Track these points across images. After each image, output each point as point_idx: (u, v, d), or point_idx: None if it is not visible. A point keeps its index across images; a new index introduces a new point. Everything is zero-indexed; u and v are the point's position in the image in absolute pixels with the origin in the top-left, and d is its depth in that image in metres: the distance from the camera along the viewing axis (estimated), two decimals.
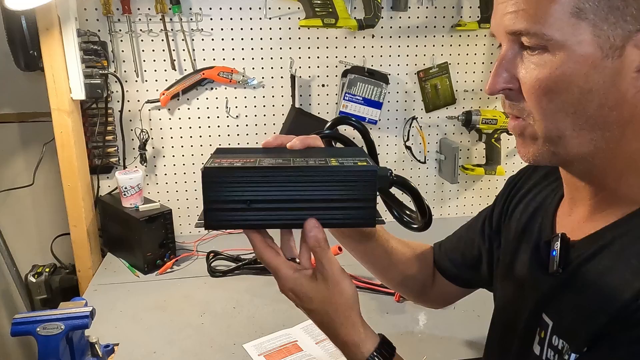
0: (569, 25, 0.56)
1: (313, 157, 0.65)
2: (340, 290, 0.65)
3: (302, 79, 1.73)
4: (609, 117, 0.58)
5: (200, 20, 1.61)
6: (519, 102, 0.62)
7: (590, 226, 0.65)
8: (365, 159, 0.65)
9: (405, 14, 1.72)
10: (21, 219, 1.80)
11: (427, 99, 1.81)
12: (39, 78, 1.51)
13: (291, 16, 1.66)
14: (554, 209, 0.74)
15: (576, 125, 0.59)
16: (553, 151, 0.61)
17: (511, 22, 0.58)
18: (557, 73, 0.57)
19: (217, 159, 0.63)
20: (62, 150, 1.47)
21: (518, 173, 0.88)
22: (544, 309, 0.67)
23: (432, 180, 1.91)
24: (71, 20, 1.42)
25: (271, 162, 0.61)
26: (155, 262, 1.52)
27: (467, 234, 0.96)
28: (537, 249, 0.72)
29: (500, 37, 0.62)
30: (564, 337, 0.63)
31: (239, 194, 0.59)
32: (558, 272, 0.65)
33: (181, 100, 1.67)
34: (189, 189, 1.76)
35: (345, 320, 0.66)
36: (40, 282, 1.62)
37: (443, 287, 0.97)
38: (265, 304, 1.33)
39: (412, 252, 0.97)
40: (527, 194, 0.82)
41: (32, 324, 0.91)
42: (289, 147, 0.70)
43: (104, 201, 1.64)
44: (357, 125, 0.80)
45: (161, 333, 1.22)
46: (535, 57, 0.58)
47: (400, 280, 0.97)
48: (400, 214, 0.75)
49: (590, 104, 0.58)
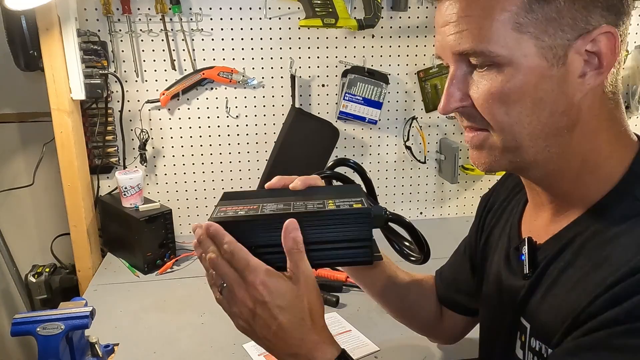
0: (512, 40, 0.57)
1: (312, 199, 0.69)
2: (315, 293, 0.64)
3: (302, 79, 1.73)
4: (560, 122, 0.60)
5: (200, 20, 1.61)
6: (475, 118, 0.63)
7: (553, 228, 0.67)
8: (361, 200, 0.68)
9: (405, 14, 1.72)
10: (21, 219, 1.80)
11: (427, 99, 1.81)
12: (39, 78, 1.51)
13: (291, 16, 1.66)
14: (519, 216, 0.77)
15: (532, 134, 0.61)
16: (510, 160, 0.64)
17: (456, 44, 0.60)
18: (508, 86, 0.59)
19: (223, 207, 0.68)
20: (62, 150, 1.48)
21: (489, 191, 0.92)
22: (521, 313, 0.69)
23: (432, 180, 1.91)
24: (71, 20, 1.42)
25: (272, 209, 0.66)
26: (155, 262, 1.52)
27: (456, 259, 0.98)
28: (508, 256, 0.75)
29: (447, 58, 0.64)
30: (540, 338, 0.64)
31: (243, 241, 0.63)
32: (528, 275, 0.68)
33: (181, 100, 1.67)
34: (189, 189, 1.76)
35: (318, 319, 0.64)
36: (40, 282, 1.62)
37: (450, 318, 0.98)
38: None
39: (418, 283, 0.98)
40: (499, 209, 0.85)
41: (32, 324, 0.90)
42: (291, 188, 0.73)
43: (104, 201, 1.64)
44: (354, 167, 0.86)
45: (161, 333, 1.22)
46: (484, 74, 0.60)
47: (411, 314, 0.98)
48: (401, 246, 0.79)
49: (542, 112, 0.60)
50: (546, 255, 0.66)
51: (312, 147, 1.68)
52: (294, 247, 0.63)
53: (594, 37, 0.57)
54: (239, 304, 0.62)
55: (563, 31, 0.57)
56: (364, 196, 0.70)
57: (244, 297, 0.62)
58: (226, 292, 0.63)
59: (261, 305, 0.61)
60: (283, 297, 0.61)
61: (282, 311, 0.61)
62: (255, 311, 0.62)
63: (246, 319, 0.63)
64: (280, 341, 0.62)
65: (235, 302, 0.63)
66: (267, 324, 0.62)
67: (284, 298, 0.61)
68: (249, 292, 0.61)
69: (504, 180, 0.88)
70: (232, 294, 0.63)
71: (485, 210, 0.89)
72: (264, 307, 0.61)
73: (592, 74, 0.59)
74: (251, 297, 0.61)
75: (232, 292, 0.62)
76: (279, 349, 0.63)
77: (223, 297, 0.64)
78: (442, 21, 0.62)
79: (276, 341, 0.63)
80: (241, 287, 0.62)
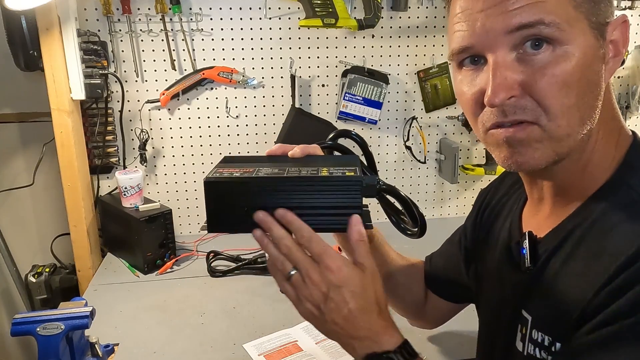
0: (572, 17, 0.57)
1: (308, 166, 0.70)
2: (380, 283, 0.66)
3: (302, 79, 1.73)
4: (596, 107, 0.60)
5: (200, 20, 1.61)
6: (523, 109, 0.59)
7: (553, 221, 0.68)
8: (355, 169, 0.69)
9: (405, 14, 1.72)
10: (21, 219, 1.80)
11: (427, 99, 1.81)
12: (39, 78, 1.51)
13: (291, 16, 1.66)
14: (519, 212, 0.77)
15: (582, 118, 0.59)
16: (555, 150, 0.60)
17: (515, 18, 0.56)
18: (571, 65, 0.57)
19: (220, 169, 0.69)
20: (62, 150, 1.47)
21: (488, 186, 0.91)
22: (522, 306, 0.69)
23: (432, 180, 1.91)
24: (71, 20, 1.42)
25: (267, 173, 0.67)
26: (155, 262, 1.52)
27: (448, 248, 0.98)
28: (509, 250, 0.75)
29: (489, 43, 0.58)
30: (543, 330, 0.65)
31: (236, 202, 0.65)
32: (530, 269, 0.68)
33: (181, 100, 1.67)
34: (189, 189, 1.76)
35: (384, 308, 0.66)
36: (40, 282, 1.62)
37: (434, 303, 0.99)
38: (265, 304, 1.33)
39: (409, 264, 0.99)
40: (497, 204, 0.85)
41: (32, 324, 0.90)
42: (289, 156, 0.74)
43: (104, 201, 1.64)
44: (356, 139, 0.85)
45: (161, 333, 1.22)
46: (542, 54, 0.57)
47: (399, 292, 0.98)
48: (398, 220, 0.78)
49: (591, 95, 0.59)
50: (547, 249, 0.67)
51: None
52: (359, 238, 0.65)
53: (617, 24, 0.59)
54: (312, 287, 0.63)
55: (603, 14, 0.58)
56: (359, 166, 0.71)
57: (318, 280, 0.63)
58: (298, 276, 0.64)
59: (335, 289, 0.63)
60: (356, 283, 0.63)
61: (354, 296, 0.63)
62: (328, 295, 0.63)
63: (317, 303, 0.64)
64: (349, 325, 0.64)
65: (308, 286, 0.64)
66: (339, 307, 0.63)
67: (356, 284, 0.63)
68: (324, 277, 0.63)
69: (503, 178, 0.88)
70: (306, 278, 0.64)
71: (483, 204, 0.89)
72: (338, 291, 0.63)
73: (612, 61, 0.59)
74: (326, 281, 0.63)
75: (307, 276, 0.63)
76: (346, 333, 0.64)
77: (291, 283, 0.65)
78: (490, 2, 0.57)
79: (345, 325, 0.64)
80: (316, 271, 0.63)
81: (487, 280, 0.82)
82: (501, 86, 0.58)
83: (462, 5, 0.60)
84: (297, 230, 0.64)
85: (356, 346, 0.64)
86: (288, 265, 0.65)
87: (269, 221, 0.64)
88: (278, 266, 0.65)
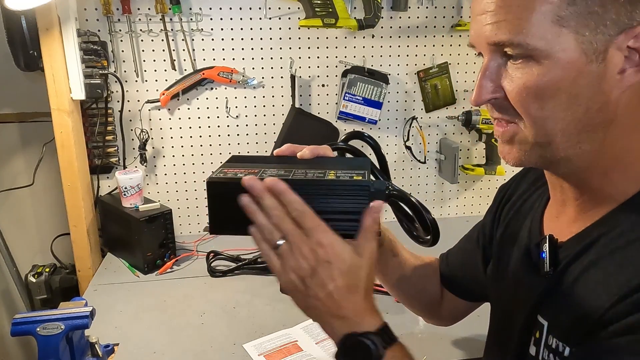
0: (551, 34, 0.56)
1: (315, 168, 0.67)
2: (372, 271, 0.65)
3: (302, 79, 1.73)
4: (595, 119, 0.59)
5: (200, 20, 1.61)
6: (507, 110, 0.62)
7: (577, 226, 0.66)
8: (364, 172, 0.67)
9: (405, 14, 1.72)
10: (21, 219, 1.80)
11: (427, 99, 1.81)
12: (39, 78, 1.51)
13: (291, 16, 1.66)
14: (541, 212, 0.75)
15: (565, 130, 0.60)
16: (540, 154, 0.62)
17: (492, 34, 0.59)
18: (544, 80, 0.58)
19: (226, 169, 0.68)
20: (62, 150, 1.47)
21: (509, 181, 0.90)
22: (538, 311, 0.68)
23: (432, 180, 1.91)
24: (71, 20, 1.42)
25: (272, 174, 0.64)
26: (155, 262, 1.52)
27: (466, 245, 0.97)
28: (527, 252, 0.73)
29: (481, 48, 0.63)
30: (559, 336, 0.64)
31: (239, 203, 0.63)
32: (549, 274, 0.66)
33: (181, 100, 1.68)
34: (189, 189, 1.76)
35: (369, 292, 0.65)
36: (40, 282, 1.62)
37: (451, 301, 0.97)
38: (265, 304, 1.33)
39: (422, 264, 0.97)
40: (518, 200, 0.84)
41: (32, 324, 0.90)
42: (299, 157, 0.72)
43: (104, 201, 1.64)
44: (369, 142, 0.83)
45: (161, 333, 1.22)
46: (520, 66, 0.59)
47: (413, 293, 0.97)
48: (410, 227, 0.76)
49: (578, 108, 0.59)
50: (568, 254, 0.65)
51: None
52: (372, 225, 0.64)
53: (637, 33, 0.56)
54: (301, 260, 0.62)
55: (605, 26, 0.56)
56: (369, 170, 0.69)
57: (308, 253, 0.62)
58: (286, 246, 0.63)
59: (324, 264, 0.62)
60: (345, 262, 0.62)
61: (342, 274, 0.62)
62: (316, 269, 0.62)
63: (302, 276, 0.63)
64: (332, 302, 0.63)
65: (296, 258, 0.63)
66: (324, 283, 0.62)
67: (346, 263, 0.62)
68: (315, 250, 0.62)
69: (525, 173, 0.86)
70: (295, 250, 0.63)
71: (503, 200, 0.87)
72: (326, 266, 0.62)
73: (632, 71, 0.57)
74: (316, 256, 0.62)
75: (297, 248, 0.62)
76: (328, 311, 0.64)
77: (277, 252, 0.64)
78: (479, 9, 0.60)
79: (328, 302, 0.63)
80: (306, 244, 0.62)
81: (503, 280, 0.80)
82: (481, 89, 0.62)
83: (472, 5, 0.63)
84: (290, 202, 0.62)
85: (335, 325, 0.64)
86: (276, 235, 0.63)
87: (260, 188, 0.62)
88: (266, 234, 0.64)
